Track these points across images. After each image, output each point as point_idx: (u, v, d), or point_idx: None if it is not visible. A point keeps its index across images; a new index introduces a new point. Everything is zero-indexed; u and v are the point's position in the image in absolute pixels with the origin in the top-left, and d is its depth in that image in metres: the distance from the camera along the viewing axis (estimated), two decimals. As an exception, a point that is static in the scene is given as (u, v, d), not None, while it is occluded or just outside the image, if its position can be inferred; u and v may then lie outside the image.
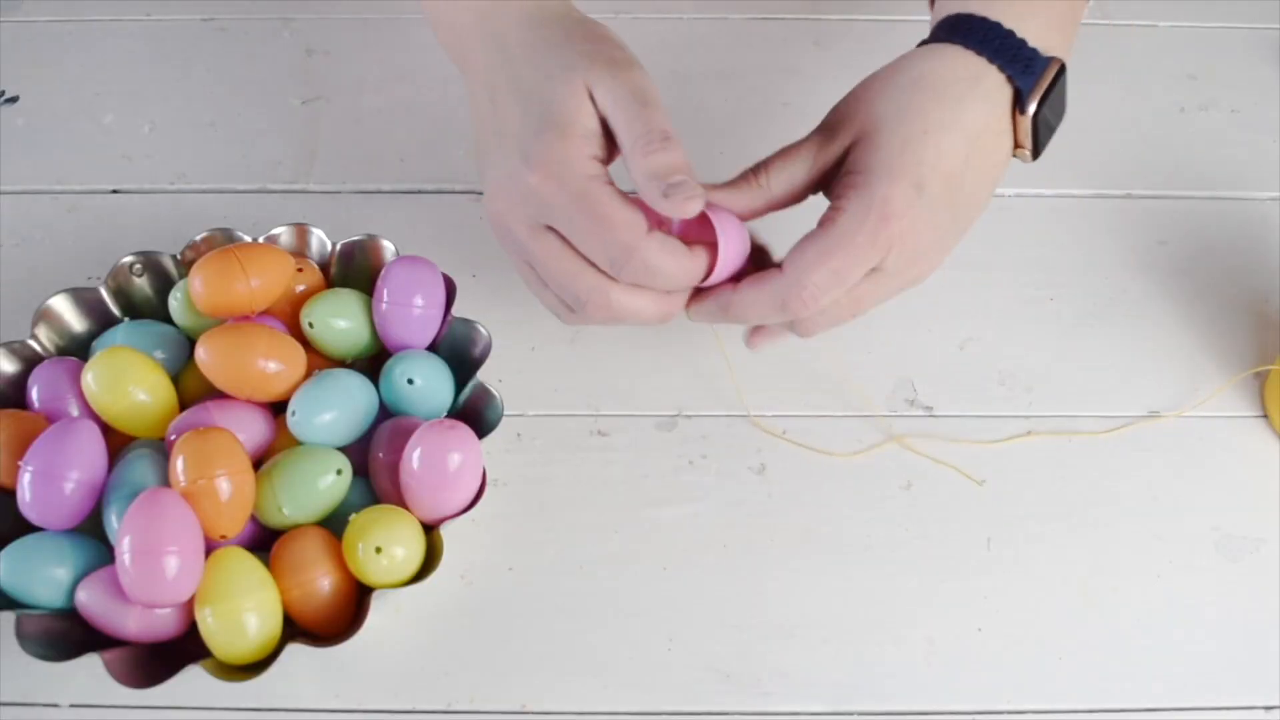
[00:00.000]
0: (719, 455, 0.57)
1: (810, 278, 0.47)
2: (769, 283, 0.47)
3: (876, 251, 0.47)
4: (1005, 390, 0.59)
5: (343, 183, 0.67)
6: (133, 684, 0.45)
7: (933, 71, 0.49)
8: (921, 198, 0.47)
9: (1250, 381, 0.59)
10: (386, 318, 0.54)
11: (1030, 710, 0.50)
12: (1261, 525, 0.54)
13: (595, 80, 0.46)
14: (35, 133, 0.69)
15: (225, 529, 0.48)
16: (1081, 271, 0.63)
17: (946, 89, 0.48)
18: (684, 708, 0.50)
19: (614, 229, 0.45)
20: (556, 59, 0.47)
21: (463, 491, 0.50)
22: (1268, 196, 0.66)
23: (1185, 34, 0.74)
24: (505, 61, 0.49)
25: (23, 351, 0.54)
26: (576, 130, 0.46)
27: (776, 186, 0.49)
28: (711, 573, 0.53)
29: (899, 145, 0.47)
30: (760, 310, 0.48)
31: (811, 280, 0.47)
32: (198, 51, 0.73)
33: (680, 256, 0.46)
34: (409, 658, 0.51)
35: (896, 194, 0.46)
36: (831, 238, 0.46)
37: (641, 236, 0.45)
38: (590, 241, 0.46)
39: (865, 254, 0.46)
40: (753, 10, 0.75)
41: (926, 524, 0.54)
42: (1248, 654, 0.51)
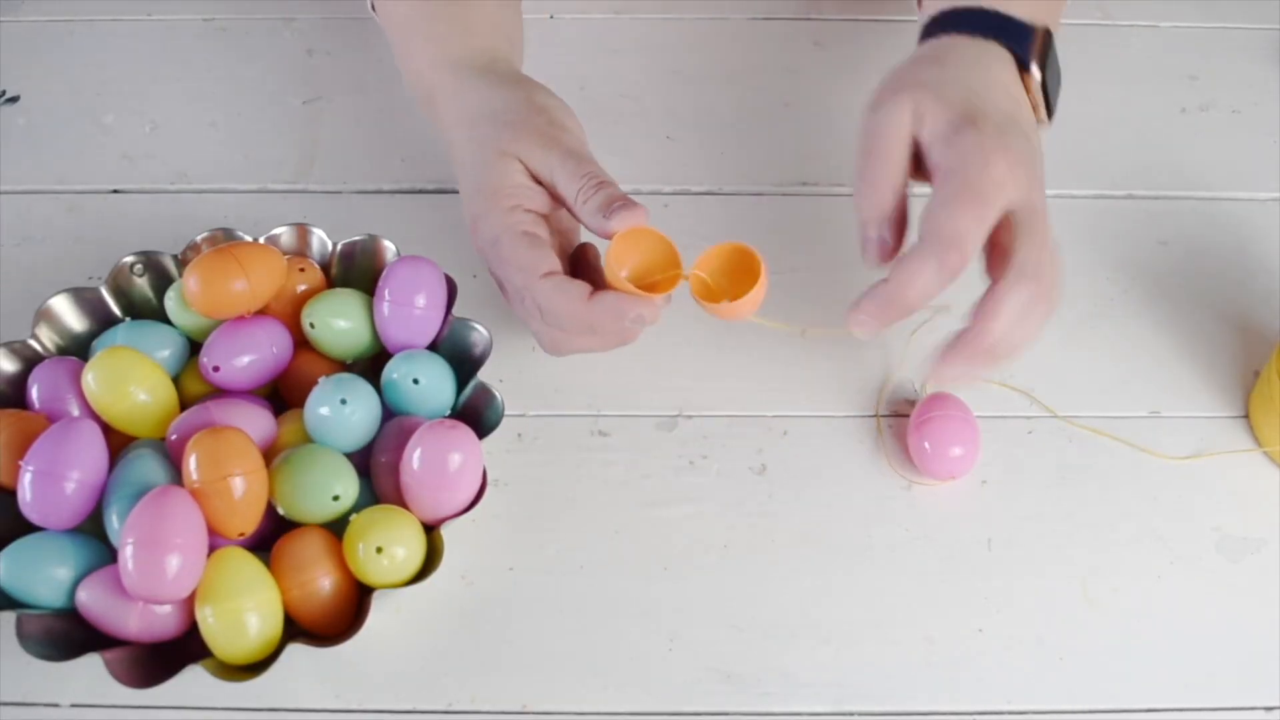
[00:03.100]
0: (719, 455, 0.57)
1: (949, 227, 0.47)
2: (920, 253, 0.47)
3: (994, 186, 0.47)
4: (1005, 390, 0.59)
5: (343, 183, 0.67)
6: (133, 684, 0.45)
7: (950, 52, 0.52)
8: (1002, 133, 0.48)
9: (1251, 382, 0.59)
10: (388, 317, 0.54)
11: (1030, 710, 0.50)
12: (1262, 526, 0.54)
13: (526, 155, 0.52)
14: (35, 133, 0.69)
15: (241, 527, 0.48)
16: (1081, 271, 0.63)
17: (969, 60, 0.52)
18: (684, 708, 0.50)
19: (513, 271, 0.51)
20: (490, 142, 0.53)
21: (463, 491, 0.50)
22: (1268, 197, 0.66)
23: (1185, 34, 0.74)
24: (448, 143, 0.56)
25: (23, 351, 0.54)
26: (502, 190, 0.52)
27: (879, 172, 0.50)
28: (711, 573, 0.53)
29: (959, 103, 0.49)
30: (924, 284, 0.47)
31: (950, 228, 0.47)
32: (198, 51, 0.73)
33: (572, 295, 0.50)
34: (409, 658, 0.51)
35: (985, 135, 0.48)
36: (951, 188, 0.47)
37: (534, 277, 0.50)
38: (504, 284, 0.53)
39: (986, 191, 0.47)
40: (753, 10, 0.75)
41: (926, 524, 0.54)
42: (1248, 654, 0.51)
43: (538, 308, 0.51)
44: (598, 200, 0.50)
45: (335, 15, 0.74)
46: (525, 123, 0.53)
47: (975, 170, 0.47)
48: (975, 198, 0.47)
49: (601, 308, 0.50)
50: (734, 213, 0.65)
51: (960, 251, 0.47)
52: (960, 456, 0.54)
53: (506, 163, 0.52)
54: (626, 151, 0.67)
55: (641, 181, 0.66)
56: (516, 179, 0.52)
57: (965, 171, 0.47)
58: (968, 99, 0.50)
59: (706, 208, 0.66)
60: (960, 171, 0.48)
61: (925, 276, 0.47)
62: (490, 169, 0.52)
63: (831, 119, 0.64)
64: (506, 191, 0.52)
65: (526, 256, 0.50)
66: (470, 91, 0.55)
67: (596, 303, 0.50)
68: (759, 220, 0.65)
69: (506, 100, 0.54)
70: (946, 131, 0.49)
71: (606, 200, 0.50)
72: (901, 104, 0.50)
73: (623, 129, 0.69)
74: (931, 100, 0.49)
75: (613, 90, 0.71)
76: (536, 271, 0.50)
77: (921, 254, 0.48)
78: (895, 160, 0.50)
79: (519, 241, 0.51)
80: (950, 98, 0.49)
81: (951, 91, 0.50)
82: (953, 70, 0.51)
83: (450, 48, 0.57)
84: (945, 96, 0.50)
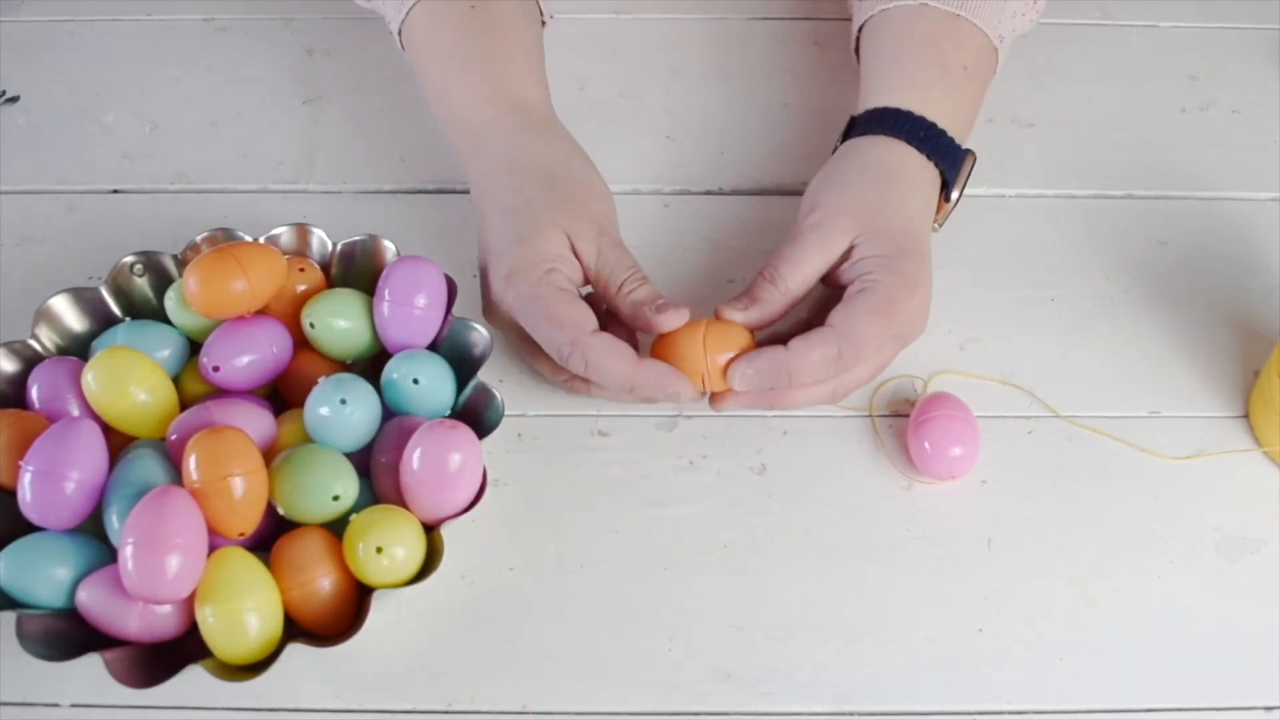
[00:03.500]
0: (719, 455, 0.57)
1: (861, 332, 0.52)
2: (823, 335, 0.52)
3: (909, 315, 0.54)
4: (1005, 390, 0.59)
5: (343, 183, 0.67)
6: (133, 684, 0.45)
7: (893, 163, 0.57)
8: (927, 269, 0.55)
9: (1251, 382, 0.59)
10: (388, 317, 0.54)
11: (1030, 710, 0.50)
12: (1262, 526, 0.54)
13: (577, 235, 0.54)
14: (36, 133, 0.69)
15: (241, 527, 0.48)
16: (1081, 271, 0.63)
17: (910, 178, 0.57)
18: (684, 708, 0.50)
19: (560, 326, 0.52)
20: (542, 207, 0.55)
21: (463, 491, 0.50)
22: (1268, 197, 0.66)
23: (1185, 34, 0.74)
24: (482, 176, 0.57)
25: (23, 351, 0.54)
26: (545, 254, 0.53)
27: (794, 287, 0.54)
28: (711, 573, 0.53)
29: (899, 229, 0.54)
30: (814, 362, 0.52)
31: (862, 333, 0.52)
32: (198, 51, 0.73)
33: (621, 355, 0.52)
34: (409, 658, 0.51)
35: (917, 270, 0.54)
36: (878, 299, 0.52)
37: (584, 334, 0.52)
38: (543, 338, 0.53)
39: (901, 316, 0.53)
40: (753, 10, 0.75)
41: (926, 524, 0.54)
42: (1248, 654, 0.51)
43: (584, 362, 0.52)
44: (643, 293, 0.53)
45: (335, 15, 0.74)
46: (579, 203, 0.55)
47: (901, 298, 0.53)
48: (892, 320, 0.53)
49: (647, 373, 0.52)
50: (734, 213, 0.65)
51: (857, 354, 0.52)
52: (960, 456, 0.54)
53: (555, 232, 0.54)
54: (626, 151, 0.67)
55: (641, 181, 0.66)
56: (560, 249, 0.54)
57: (893, 294, 0.53)
58: (907, 231, 0.55)
59: (706, 208, 0.66)
60: (890, 292, 0.53)
61: (819, 359, 0.52)
62: (537, 232, 0.54)
63: (831, 119, 0.64)
64: (550, 255, 0.53)
65: (574, 313, 0.52)
66: (524, 142, 0.57)
67: (645, 367, 0.52)
68: (759, 220, 0.65)
69: (566, 169, 0.57)
70: (885, 255, 0.53)
71: (652, 295, 0.53)
72: (843, 232, 0.54)
73: (623, 129, 0.69)
74: (876, 234, 0.54)
75: (613, 90, 0.71)
76: (586, 328, 0.52)
77: (825, 340, 0.52)
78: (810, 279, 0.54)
79: (563, 298, 0.52)
80: (892, 230, 0.54)
81: (894, 222, 0.55)
82: (896, 189, 0.56)
83: (502, 87, 0.59)
84: (888, 229, 0.54)
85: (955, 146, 0.58)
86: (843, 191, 0.56)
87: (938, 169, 0.57)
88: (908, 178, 0.56)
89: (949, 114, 0.58)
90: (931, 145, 0.57)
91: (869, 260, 0.53)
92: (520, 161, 0.56)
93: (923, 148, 0.57)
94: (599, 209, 0.56)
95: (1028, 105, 0.70)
